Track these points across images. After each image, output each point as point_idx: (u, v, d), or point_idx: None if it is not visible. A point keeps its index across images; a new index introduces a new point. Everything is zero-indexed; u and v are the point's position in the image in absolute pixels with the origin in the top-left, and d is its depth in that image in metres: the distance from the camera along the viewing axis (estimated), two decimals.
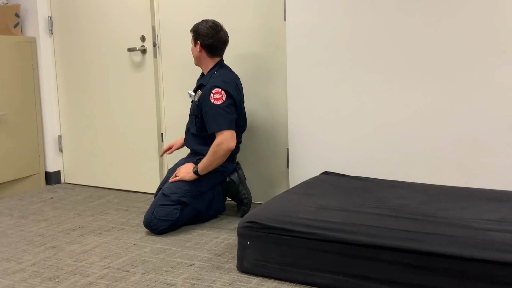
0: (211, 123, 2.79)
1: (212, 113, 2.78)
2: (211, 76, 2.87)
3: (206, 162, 2.78)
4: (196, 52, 2.91)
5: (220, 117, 2.76)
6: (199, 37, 2.87)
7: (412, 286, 1.87)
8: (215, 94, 2.77)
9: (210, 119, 2.79)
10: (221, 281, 2.14)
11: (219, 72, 2.88)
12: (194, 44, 2.91)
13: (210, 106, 2.78)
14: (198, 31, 2.88)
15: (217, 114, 2.77)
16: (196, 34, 2.89)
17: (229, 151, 2.77)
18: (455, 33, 2.56)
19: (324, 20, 2.86)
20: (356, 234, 1.98)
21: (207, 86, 2.83)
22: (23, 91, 3.78)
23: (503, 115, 2.52)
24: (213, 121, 2.78)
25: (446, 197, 2.36)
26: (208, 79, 2.86)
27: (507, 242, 1.81)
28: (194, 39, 2.91)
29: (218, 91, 2.78)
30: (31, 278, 2.23)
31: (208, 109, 2.79)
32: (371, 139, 2.83)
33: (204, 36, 2.86)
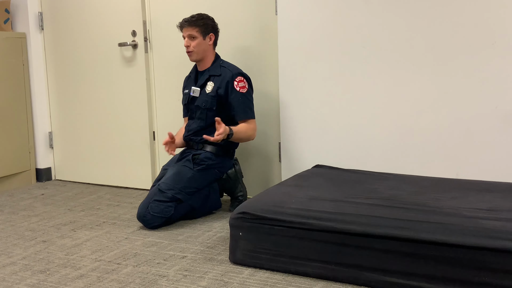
0: (240, 111, 2.83)
1: (240, 101, 2.83)
2: (221, 66, 2.90)
3: (241, 132, 2.79)
4: (205, 45, 2.88)
5: (248, 106, 2.86)
6: (213, 30, 2.89)
7: (404, 274, 1.88)
8: (239, 82, 2.83)
9: (238, 107, 2.83)
10: (213, 272, 2.14)
11: (225, 63, 2.94)
12: (203, 37, 2.86)
13: (237, 94, 2.82)
14: (208, 25, 2.87)
15: (245, 103, 2.84)
16: (207, 27, 2.87)
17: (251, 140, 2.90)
18: (446, 27, 2.58)
19: (316, 14, 2.87)
20: (347, 223, 1.98)
21: (226, 76, 2.84)
22: (13, 87, 3.75)
23: (493, 107, 2.54)
24: (242, 109, 2.83)
25: (437, 188, 2.37)
26: (219, 69, 2.88)
27: (497, 229, 1.82)
28: (203, 33, 2.85)
29: (241, 79, 2.85)
30: (21, 271, 2.22)
31: (235, 97, 2.83)
32: (363, 133, 2.84)
33: (216, 29, 2.92)
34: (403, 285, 1.88)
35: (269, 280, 2.04)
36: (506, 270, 1.73)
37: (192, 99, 2.96)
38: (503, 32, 2.46)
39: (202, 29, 2.85)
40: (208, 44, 2.89)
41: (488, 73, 2.52)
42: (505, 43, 2.47)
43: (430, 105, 2.66)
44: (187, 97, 2.99)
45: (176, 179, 2.77)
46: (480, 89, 2.55)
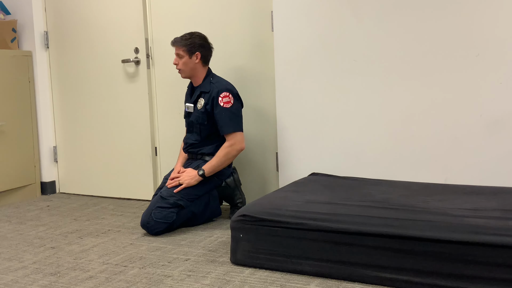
0: (224, 125, 2.95)
1: (223, 116, 2.95)
2: (211, 82, 3.03)
3: (216, 163, 2.93)
4: (192, 63, 3.02)
5: (231, 120, 2.95)
6: (198, 49, 3.01)
7: (395, 269, 2.00)
8: (224, 98, 2.95)
9: (221, 121, 2.95)
10: (215, 272, 2.26)
11: (215, 78, 3.07)
12: (189, 56, 3.01)
13: (221, 110, 2.95)
14: (194, 43, 3.00)
15: (228, 117, 2.95)
16: (193, 47, 3.00)
17: (240, 152, 2.97)
18: (432, 41, 2.74)
19: (310, 30, 3.03)
20: (341, 222, 2.11)
21: (213, 92, 2.98)
22: (20, 103, 3.90)
23: (478, 115, 2.69)
24: (224, 123, 2.95)
25: (426, 192, 2.50)
26: (209, 86, 3.02)
27: (480, 225, 1.95)
28: (189, 52, 3.00)
29: (226, 95, 2.96)
30: (33, 274, 2.33)
31: (218, 112, 2.96)
32: (356, 141, 2.98)
33: (202, 47, 3.02)
34: (394, 279, 2.00)
35: (268, 278, 2.16)
36: (489, 263, 1.86)
37: (188, 114, 3.13)
38: (485, 45, 2.63)
39: (188, 48, 3.00)
40: (195, 62, 3.02)
41: (473, 83, 2.68)
42: (488, 55, 2.63)
43: (419, 115, 2.81)
44: (184, 112, 3.16)
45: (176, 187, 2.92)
46: (465, 99, 2.70)
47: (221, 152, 2.94)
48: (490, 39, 2.62)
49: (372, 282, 2.05)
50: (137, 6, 3.59)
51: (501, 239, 1.86)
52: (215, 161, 2.94)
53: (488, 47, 2.62)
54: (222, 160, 2.94)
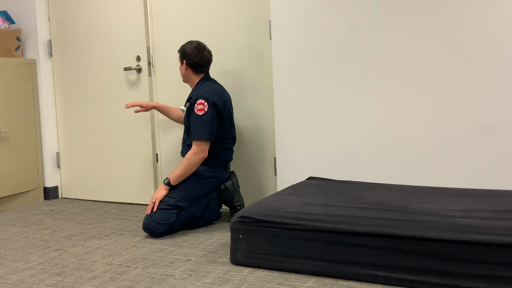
0: (193, 131, 3.04)
1: (194, 122, 3.03)
2: (197, 89, 3.14)
3: (180, 172, 3.00)
4: (183, 70, 3.20)
5: (199, 127, 3.01)
6: (185, 56, 3.16)
7: (389, 267, 2.09)
8: (198, 105, 3.02)
9: (192, 127, 3.05)
10: (216, 272, 2.34)
11: (204, 84, 3.16)
12: (181, 63, 3.19)
13: (193, 116, 3.04)
14: (184, 51, 3.17)
15: (198, 124, 3.01)
16: (183, 54, 3.17)
17: (202, 160, 3.02)
18: (425, 48, 2.84)
19: (307, 39, 3.13)
20: (337, 223, 2.20)
21: (193, 98, 3.09)
22: (24, 110, 3.99)
23: (469, 121, 2.78)
24: (194, 129, 3.03)
25: (419, 194, 2.59)
26: (195, 92, 3.13)
27: (470, 225, 2.04)
28: (180, 59, 3.19)
29: (201, 102, 3.02)
30: (39, 274, 2.41)
31: (192, 118, 3.05)
32: (352, 147, 3.07)
33: (189, 55, 3.14)
34: (388, 277, 2.09)
35: (267, 277, 2.24)
36: (478, 261, 1.95)
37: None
38: (476, 53, 2.73)
39: (180, 55, 3.19)
40: (185, 69, 3.18)
41: (464, 89, 2.78)
42: (479, 63, 2.73)
43: (413, 121, 2.91)
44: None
45: (176, 188, 3.00)
46: (457, 104, 2.80)
47: (185, 161, 3.01)
48: (480, 47, 2.72)
49: (367, 280, 2.13)
50: (139, 15, 3.69)
51: (490, 238, 1.94)
52: (179, 170, 3.00)
53: (478, 55, 2.72)
54: (187, 168, 3.00)
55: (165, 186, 3.02)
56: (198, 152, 3.00)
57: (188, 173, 3.02)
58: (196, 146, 3.01)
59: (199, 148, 3.00)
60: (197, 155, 3.00)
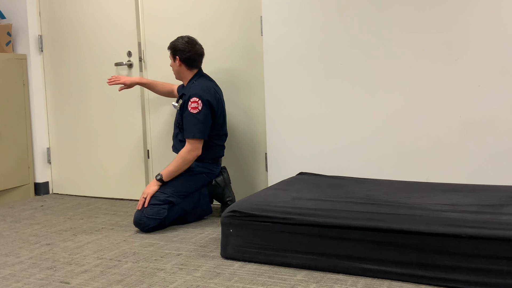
0: (186, 129, 3.04)
1: (188, 120, 3.03)
2: (191, 86, 3.13)
3: (173, 168, 3.01)
4: (176, 66, 3.18)
5: (194, 125, 3.01)
6: (177, 52, 3.15)
7: (377, 260, 2.12)
8: (192, 103, 3.02)
9: (186, 125, 3.05)
10: (206, 266, 2.35)
11: (198, 81, 3.15)
12: (173, 59, 3.17)
13: (187, 114, 3.03)
14: (175, 47, 3.15)
15: (192, 122, 3.01)
16: (174, 50, 3.16)
17: (195, 158, 3.03)
18: (415, 44, 2.87)
19: (298, 35, 3.15)
20: (326, 217, 2.22)
21: (186, 95, 3.08)
22: (14, 105, 3.97)
23: (458, 117, 2.81)
24: (188, 127, 3.03)
25: (408, 189, 2.62)
26: (188, 89, 3.12)
27: (456, 218, 2.07)
28: (172, 55, 3.17)
29: (195, 100, 3.02)
30: (30, 268, 2.42)
31: (185, 116, 3.05)
32: (342, 142, 3.10)
33: (182, 51, 3.13)
34: (376, 270, 2.12)
35: (257, 271, 2.26)
36: (464, 254, 1.98)
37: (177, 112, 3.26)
38: (464, 50, 2.76)
39: (171, 52, 3.18)
40: (178, 65, 3.17)
41: (453, 86, 2.81)
42: (467, 60, 2.76)
43: (402, 117, 2.93)
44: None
45: (167, 184, 3.01)
46: (446, 101, 2.83)
47: (178, 158, 3.01)
48: (469, 44, 2.75)
49: (355, 273, 2.16)
50: (130, 11, 3.69)
51: (476, 231, 1.98)
52: (172, 167, 3.01)
53: (467, 52, 2.75)
54: (180, 165, 3.01)
55: (157, 182, 3.02)
56: (192, 150, 3.00)
57: (181, 170, 3.03)
58: (190, 144, 3.01)
59: (193, 146, 3.01)
60: (191, 153, 3.00)
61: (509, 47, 2.67)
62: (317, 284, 2.10)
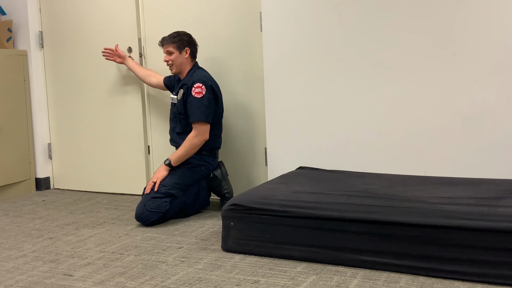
0: (191, 114, 3.10)
1: (192, 105, 3.09)
2: (192, 75, 3.19)
3: (181, 153, 3.07)
4: (181, 58, 3.22)
5: (199, 109, 3.07)
6: (188, 44, 3.22)
7: (376, 252, 2.15)
8: (196, 88, 3.09)
9: (190, 110, 3.10)
10: (207, 258, 2.39)
11: (197, 71, 3.23)
12: (179, 51, 3.20)
13: (192, 99, 3.10)
14: (183, 40, 3.21)
15: (197, 106, 3.08)
16: (186, 43, 3.22)
17: (203, 142, 3.10)
18: (412, 40, 2.89)
19: (297, 30, 3.17)
20: (326, 210, 2.26)
21: (189, 83, 3.14)
22: (15, 101, 4.00)
23: (455, 111, 2.85)
24: (192, 112, 3.09)
25: (406, 183, 2.65)
26: (189, 78, 3.18)
27: (454, 211, 2.10)
28: (178, 48, 3.21)
29: (198, 86, 3.09)
30: (33, 261, 2.45)
31: (189, 101, 3.11)
32: (341, 137, 3.13)
33: (191, 43, 3.24)
34: (375, 262, 2.15)
35: (257, 263, 2.29)
36: (461, 245, 2.01)
37: (173, 105, 3.30)
38: (462, 45, 2.79)
39: (177, 44, 3.21)
40: (185, 57, 3.23)
41: (450, 81, 2.84)
42: (464, 54, 2.79)
43: (400, 111, 2.96)
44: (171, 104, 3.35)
45: (167, 177, 3.05)
46: (443, 96, 2.86)
47: (186, 143, 3.08)
48: (467, 39, 2.78)
49: (354, 265, 2.19)
50: (130, 6, 3.71)
51: (473, 223, 2.01)
52: (180, 151, 3.08)
53: (465, 46, 2.78)
54: (188, 150, 3.08)
55: (166, 167, 3.08)
56: (199, 134, 3.07)
57: (189, 154, 3.09)
58: (196, 128, 3.08)
59: (199, 130, 3.08)
60: (197, 137, 3.07)
61: (507, 42, 2.70)
62: (317, 276, 2.13)
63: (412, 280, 2.04)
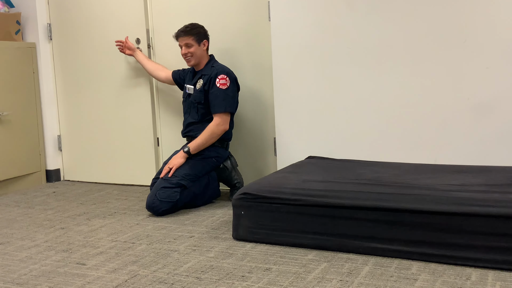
0: (215, 104, 3.12)
1: (217, 95, 3.12)
2: (212, 66, 3.22)
3: (201, 142, 3.09)
4: (200, 51, 3.24)
5: (224, 100, 3.11)
6: (205, 37, 3.25)
7: (386, 240, 2.15)
8: (221, 79, 3.13)
9: (214, 100, 3.13)
10: (219, 247, 2.40)
11: (216, 63, 3.26)
12: (198, 43, 3.21)
13: (216, 89, 3.12)
14: (200, 32, 3.23)
15: (222, 97, 3.11)
16: (201, 35, 3.22)
17: (223, 132, 3.13)
18: (422, 28, 2.88)
19: (305, 20, 3.16)
20: (336, 198, 2.26)
21: (212, 74, 3.17)
22: (25, 93, 4.02)
23: (466, 99, 2.83)
24: (217, 102, 3.12)
25: (416, 171, 2.65)
26: (210, 69, 3.20)
27: (466, 198, 2.10)
28: (197, 40, 3.20)
29: (223, 77, 3.14)
30: (46, 251, 2.47)
31: (213, 92, 3.13)
32: (351, 126, 3.12)
33: (207, 36, 3.27)
34: (386, 249, 2.15)
35: (268, 251, 2.30)
36: (473, 232, 2.01)
37: (188, 95, 3.29)
38: (473, 32, 2.77)
39: (196, 37, 3.21)
40: (203, 49, 3.25)
41: (460, 68, 2.82)
42: (475, 41, 2.77)
43: (410, 99, 2.95)
44: (184, 94, 3.36)
45: (178, 168, 3.06)
46: (453, 83, 2.85)
47: (207, 131, 3.10)
48: (477, 26, 2.76)
49: (365, 252, 2.20)
50: None
51: (485, 210, 2.01)
52: (200, 140, 3.10)
53: (475, 33, 2.76)
54: (208, 138, 3.10)
55: (184, 154, 3.10)
56: (221, 124, 3.10)
57: (209, 143, 3.12)
58: (219, 118, 3.11)
59: (222, 120, 3.11)
60: (219, 126, 3.10)
61: None
62: (328, 263, 2.14)
63: (424, 267, 2.04)
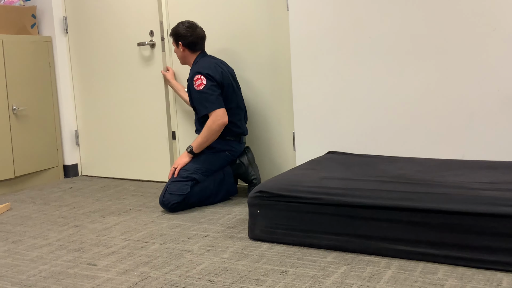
0: (199, 108, 3.04)
1: (197, 98, 3.03)
2: (193, 66, 3.15)
3: (201, 140, 3.02)
4: (179, 52, 3.20)
5: (206, 100, 3.01)
6: (180, 38, 3.17)
7: (410, 242, 2.03)
8: (196, 80, 3.03)
9: (197, 104, 3.05)
10: (234, 247, 2.31)
11: (199, 61, 3.15)
12: (176, 45, 3.19)
13: (195, 92, 3.04)
14: (177, 33, 3.17)
15: (202, 98, 3.01)
16: (176, 37, 3.17)
17: (223, 125, 3.01)
18: (448, 16, 2.72)
19: (324, 9, 3.03)
20: (357, 197, 2.14)
21: (190, 75, 3.10)
22: (41, 88, 3.98)
23: (495, 90, 2.67)
24: (200, 105, 3.03)
25: (443, 167, 2.51)
26: (191, 70, 3.13)
27: (496, 197, 1.96)
28: (175, 42, 3.19)
29: (198, 78, 3.03)
30: (57, 250, 2.41)
31: (194, 96, 3.06)
32: (372, 119, 2.99)
33: (184, 36, 3.15)
34: (410, 251, 2.03)
35: (285, 252, 2.20)
36: (505, 234, 1.87)
37: None
38: (503, 19, 2.60)
39: (173, 38, 3.20)
40: (181, 51, 3.19)
41: (490, 58, 2.66)
42: (505, 29, 2.60)
43: (435, 91, 2.80)
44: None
45: (190, 163, 3.02)
46: (482, 73, 2.69)
47: (205, 129, 3.02)
48: (507, 13, 2.59)
49: (388, 254, 2.08)
50: None
51: None
52: (200, 138, 3.03)
53: (505, 21, 2.60)
54: (207, 136, 3.01)
55: (188, 154, 3.04)
56: (215, 120, 3.00)
57: (210, 140, 3.03)
58: (212, 115, 3.01)
59: (214, 116, 3.00)
60: (215, 122, 3.00)
61: None
62: (348, 266, 2.02)
63: (451, 271, 1.91)
